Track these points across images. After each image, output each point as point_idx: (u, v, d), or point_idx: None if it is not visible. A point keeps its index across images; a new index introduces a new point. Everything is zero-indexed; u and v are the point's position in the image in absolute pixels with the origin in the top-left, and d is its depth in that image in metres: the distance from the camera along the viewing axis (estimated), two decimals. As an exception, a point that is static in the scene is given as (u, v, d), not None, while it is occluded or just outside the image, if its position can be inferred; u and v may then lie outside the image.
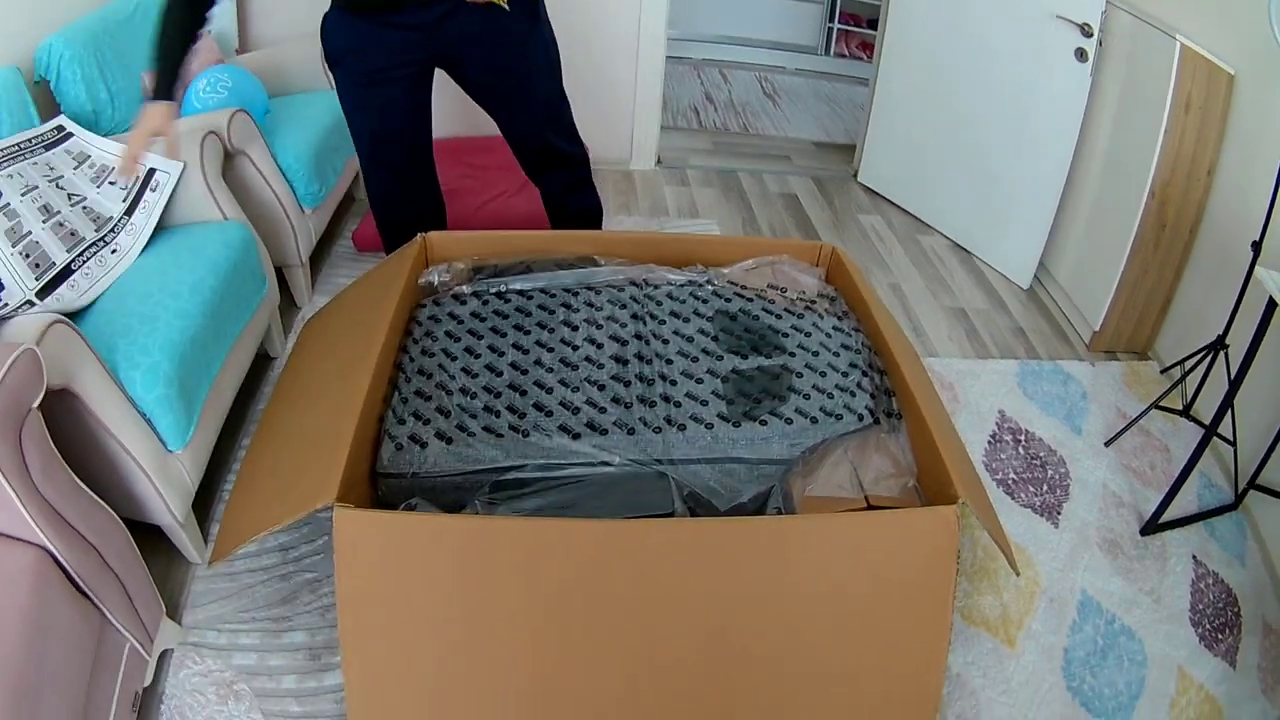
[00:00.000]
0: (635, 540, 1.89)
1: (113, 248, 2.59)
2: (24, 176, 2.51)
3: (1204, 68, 3.17)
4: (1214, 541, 2.87)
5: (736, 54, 7.19)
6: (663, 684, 1.92)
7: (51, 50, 3.00)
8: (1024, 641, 2.47)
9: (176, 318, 2.35)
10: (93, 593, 1.83)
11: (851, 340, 2.48)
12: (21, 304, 2.28)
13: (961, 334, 3.80)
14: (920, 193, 4.77)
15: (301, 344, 2.78)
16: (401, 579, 1.87)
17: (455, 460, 2.08)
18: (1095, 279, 3.72)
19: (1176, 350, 3.41)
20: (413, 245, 2.72)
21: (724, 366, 2.34)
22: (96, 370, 2.06)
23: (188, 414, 2.32)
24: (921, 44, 4.53)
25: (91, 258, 2.52)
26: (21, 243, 2.37)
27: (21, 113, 2.81)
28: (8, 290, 2.27)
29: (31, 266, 2.35)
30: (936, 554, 1.90)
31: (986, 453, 3.10)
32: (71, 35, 3.06)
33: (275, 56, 4.05)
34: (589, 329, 2.46)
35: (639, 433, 2.14)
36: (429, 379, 2.28)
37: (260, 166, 3.15)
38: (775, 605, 1.91)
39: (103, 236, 2.58)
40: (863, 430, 2.24)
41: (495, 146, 4.49)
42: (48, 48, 3.00)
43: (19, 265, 2.32)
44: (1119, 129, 3.62)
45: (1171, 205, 3.36)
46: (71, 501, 1.82)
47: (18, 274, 2.31)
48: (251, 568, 2.49)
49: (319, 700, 2.18)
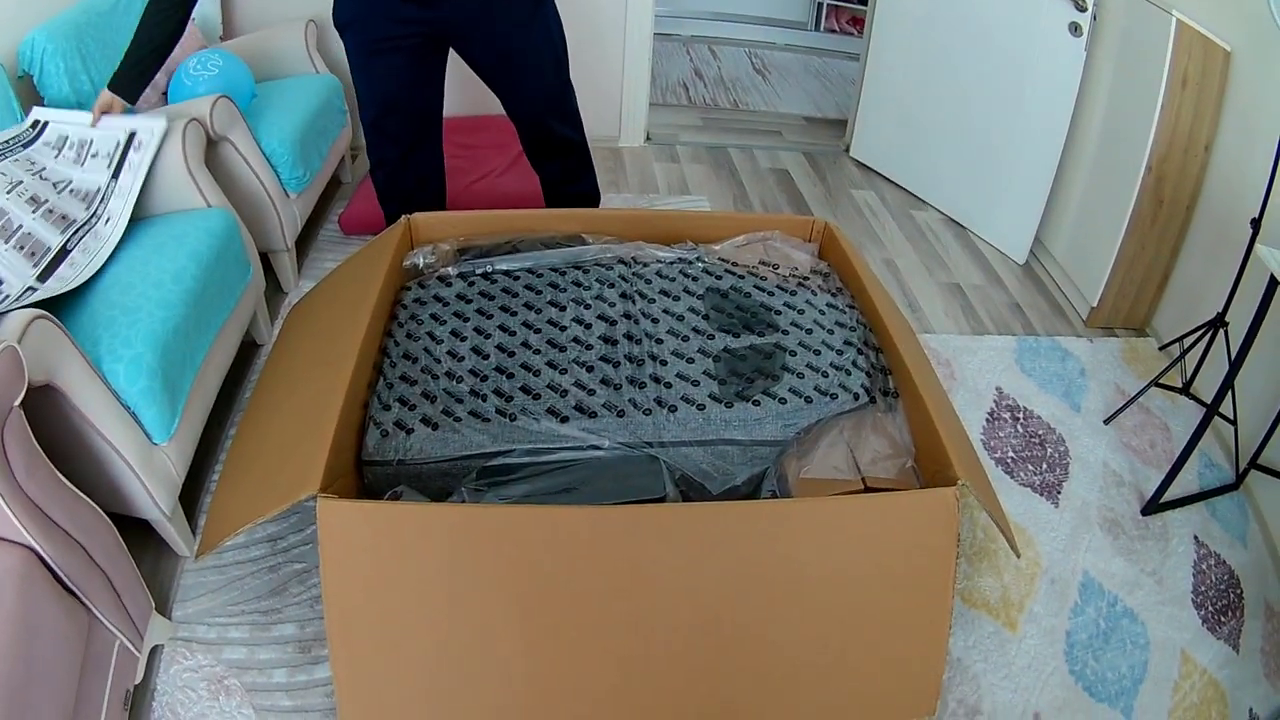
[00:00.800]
0: (626, 527, 1.86)
1: (105, 217, 2.59)
2: (7, 175, 2.50)
3: (1200, 44, 3.14)
4: (1215, 522, 2.84)
5: (726, 30, 7.13)
6: (656, 672, 1.89)
7: (34, 45, 2.97)
8: (1025, 624, 2.45)
9: (159, 308, 2.31)
10: (80, 591, 1.80)
11: (846, 318, 2.45)
12: (24, 290, 2.26)
13: (957, 310, 3.77)
14: (914, 167, 4.74)
15: (286, 330, 2.75)
16: (388, 570, 1.84)
17: (441, 446, 2.05)
18: (1092, 255, 3.69)
19: (1174, 327, 3.39)
20: (397, 227, 2.69)
21: (715, 346, 2.31)
22: (79, 365, 2.02)
23: (172, 405, 2.29)
24: (913, 17, 4.49)
25: (86, 233, 2.52)
26: (14, 237, 2.36)
27: (5, 109, 2.79)
28: (7, 283, 2.26)
29: (27, 256, 2.35)
30: (937, 536, 1.88)
31: (985, 431, 3.08)
32: (54, 29, 3.03)
33: (259, 42, 4.02)
34: (577, 309, 2.43)
35: (629, 415, 2.12)
36: (414, 363, 2.25)
37: (244, 152, 3.12)
38: (772, 591, 1.89)
39: (94, 212, 2.58)
40: (858, 410, 2.21)
41: (484, 126, 4.48)
42: (30, 42, 2.97)
43: (14, 259, 2.31)
44: (1114, 104, 3.59)
45: (1168, 181, 3.33)
46: (56, 499, 1.79)
47: (14, 267, 2.29)
48: (240, 559, 2.46)
49: (309, 694, 2.15)
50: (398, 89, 2.90)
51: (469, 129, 4.48)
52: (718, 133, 5.44)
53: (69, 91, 3.03)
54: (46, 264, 2.36)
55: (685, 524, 1.88)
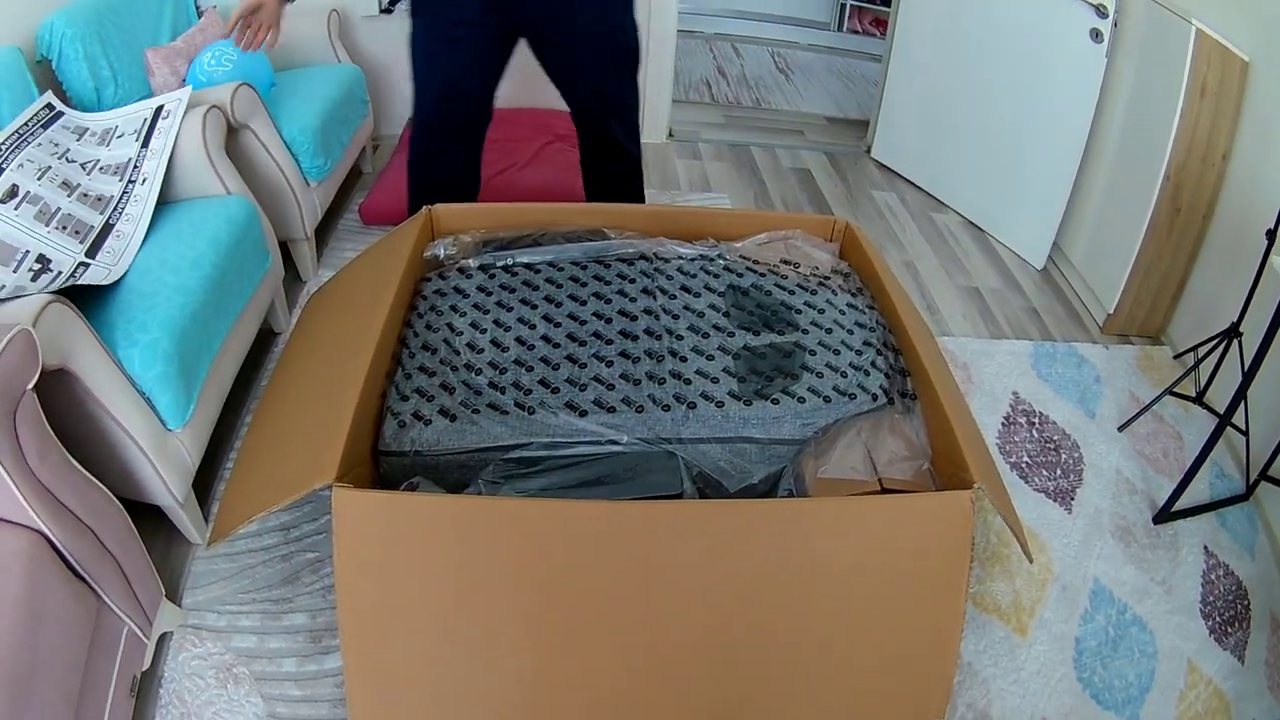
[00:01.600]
0: (642, 522, 1.86)
1: (141, 179, 2.62)
2: (34, 161, 2.52)
3: (1219, 53, 3.14)
4: (1225, 532, 2.83)
5: (749, 29, 7.13)
6: (667, 669, 1.89)
7: (53, 29, 2.99)
8: (1036, 630, 2.44)
9: (176, 294, 2.32)
10: (89, 576, 1.80)
11: (866, 318, 2.45)
12: (76, 266, 2.29)
13: (975, 313, 3.77)
14: (935, 169, 4.73)
15: (305, 319, 2.75)
16: (402, 560, 1.84)
17: (458, 438, 2.05)
18: (1109, 261, 3.68)
19: (1190, 335, 3.37)
20: (418, 218, 2.68)
21: (735, 343, 2.31)
22: (94, 349, 2.03)
23: (187, 392, 2.29)
24: (935, 20, 4.49)
25: (126, 205, 2.55)
26: (55, 219, 2.39)
27: (23, 93, 2.79)
28: (56, 261, 2.28)
29: (72, 234, 2.38)
30: (951, 539, 1.87)
31: (1000, 435, 3.07)
32: (73, 13, 3.04)
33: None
34: (597, 303, 2.42)
35: (648, 410, 2.11)
36: (433, 354, 2.25)
37: (264, 140, 3.13)
38: (784, 590, 1.88)
39: (128, 179, 2.61)
40: (876, 410, 2.21)
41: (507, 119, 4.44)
42: (49, 26, 2.99)
43: (59, 238, 2.35)
44: (1134, 111, 3.58)
45: (1186, 190, 3.32)
46: (68, 483, 1.79)
47: (60, 245, 2.34)
48: (252, 548, 2.47)
49: (319, 684, 2.16)
50: (463, 76, 2.86)
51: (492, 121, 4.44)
52: (740, 131, 5.44)
53: (88, 77, 3.05)
54: (93, 240, 2.39)
55: (700, 521, 1.88)
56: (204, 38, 3.54)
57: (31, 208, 2.37)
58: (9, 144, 2.52)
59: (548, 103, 4.30)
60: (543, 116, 4.51)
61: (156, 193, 2.59)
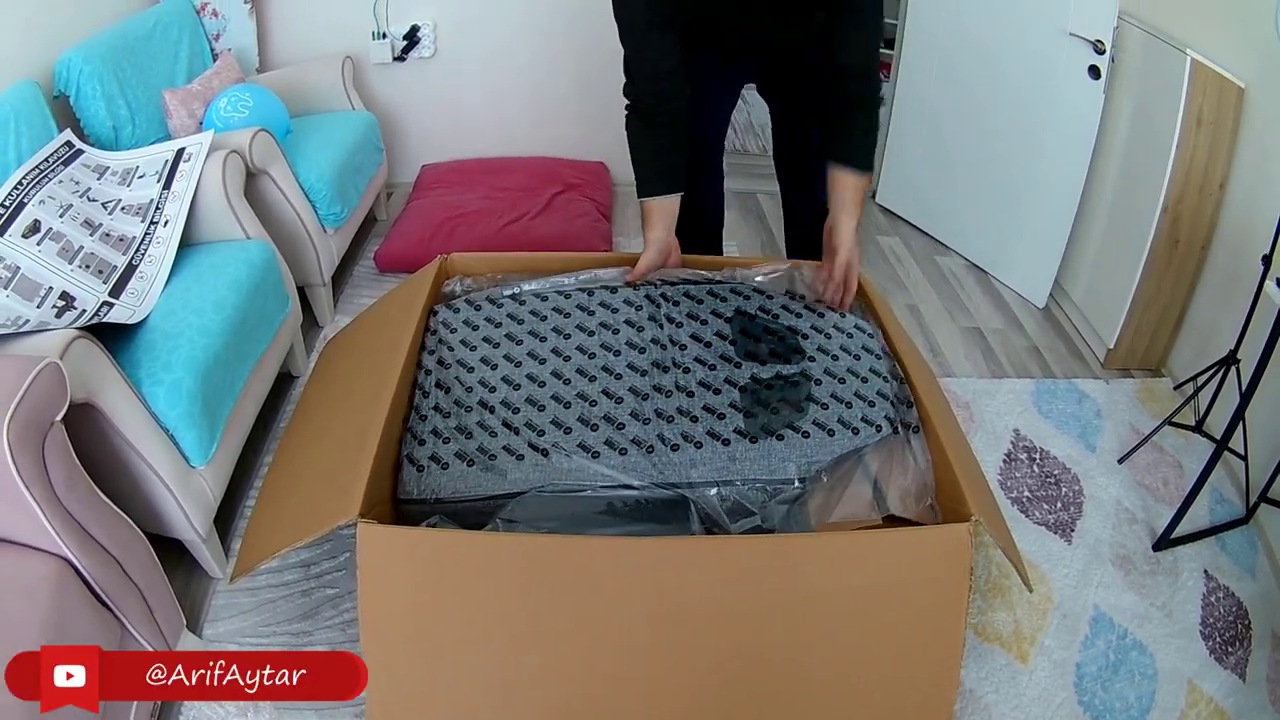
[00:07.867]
0: (655, 557, 1.91)
1: (163, 221, 2.65)
2: (55, 198, 2.55)
3: (1214, 81, 3.17)
4: (1225, 555, 2.87)
5: (755, 77, 7.10)
6: (681, 700, 1.94)
7: (70, 65, 3.04)
8: (1036, 657, 2.48)
9: (200, 334, 2.38)
10: (113, 603, 1.85)
11: (872, 343, 2.48)
12: (100, 305, 2.33)
13: (978, 354, 3.81)
14: (938, 213, 4.76)
15: (323, 363, 2.80)
16: (425, 595, 1.89)
17: (476, 485, 2.07)
18: (1109, 296, 3.72)
19: (1190, 366, 3.40)
20: (433, 265, 2.72)
21: (742, 375, 2.33)
22: (119, 385, 2.08)
23: (211, 431, 2.35)
24: (938, 65, 4.52)
25: (148, 247, 2.58)
26: (78, 257, 2.43)
27: (42, 128, 2.84)
28: (80, 299, 2.32)
29: (95, 273, 2.41)
30: (950, 571, 1.92)
31: (1001, 471, 3.11)
32: (90, 50, 3.10)
33: (296, 76, 4.09)
34: (605, 334, 2.45)
35: (657, 451, 2.14)
36: (447, 393, 2.28)
37: (282, 186, 3.18)
38: (791, 621, 1.94)
39: (150, 220, 2.64)
40: (882, 442, 2.23)
41: (518, 168, 4.46)
42: (66, 62, 3.04)
43: (82, 276, 2.38)
44: (1132, 145, 3.62)
45: (1184, 221, 3.35)
46: (93, 513, 1.84)
47: (83, 283, 2.37)
48: (272, 583, 2.52)
49: (339, 714, 2.20)
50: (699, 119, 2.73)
51: (501, 171, 4.49)
52: (747, 178, 5.45)
53: (105, 115, 3.09)
54: (116, 280, 2.43)
55: (710, 556, 1.94)
56: (219, 81, 3.61)
57: (54, 244, 2.42)
58: (30, 179, 2.56)
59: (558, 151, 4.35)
60: (553, 165, 4.51)
61: (179, 235, 2.64)
